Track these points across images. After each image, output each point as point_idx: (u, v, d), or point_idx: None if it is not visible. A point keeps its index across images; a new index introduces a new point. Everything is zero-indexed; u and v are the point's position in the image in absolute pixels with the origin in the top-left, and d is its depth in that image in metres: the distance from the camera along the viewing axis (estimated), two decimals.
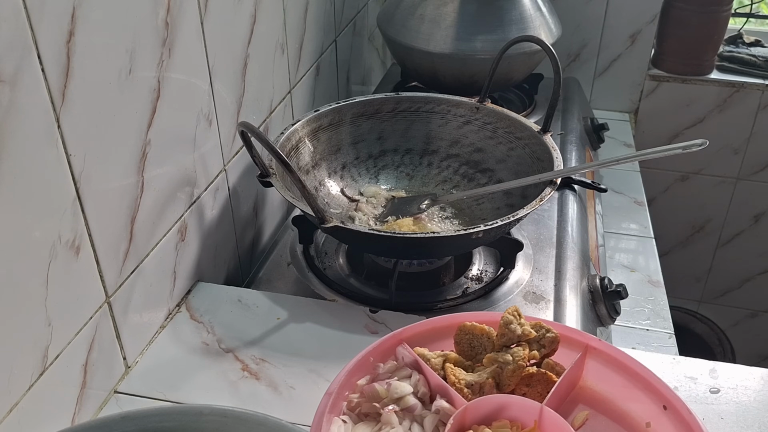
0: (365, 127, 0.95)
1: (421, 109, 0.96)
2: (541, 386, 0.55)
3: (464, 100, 0.94)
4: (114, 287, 0.63)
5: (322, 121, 0.90)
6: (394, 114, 0.95)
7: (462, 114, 0.94)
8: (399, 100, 0.95)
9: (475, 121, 0.94)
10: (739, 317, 1.83)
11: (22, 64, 0.48)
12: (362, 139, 0.95)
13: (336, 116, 0.92)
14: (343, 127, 0.93)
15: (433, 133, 0.96)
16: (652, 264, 1.16)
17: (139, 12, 0.60)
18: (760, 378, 0.66)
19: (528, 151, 0.87)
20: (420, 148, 0.96)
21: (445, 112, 0.95)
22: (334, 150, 0.92)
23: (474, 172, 0.93)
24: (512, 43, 0.89)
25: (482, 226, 0.68)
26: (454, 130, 0.95)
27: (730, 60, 1.56)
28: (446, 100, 0.95)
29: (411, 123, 0.96)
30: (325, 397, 0.51)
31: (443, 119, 0.95)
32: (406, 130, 0.96)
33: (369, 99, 0.94)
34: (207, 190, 0.78)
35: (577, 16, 1.49)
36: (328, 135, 0.91)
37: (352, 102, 0.93)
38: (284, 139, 0.83)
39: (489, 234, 0.71)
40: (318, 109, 0.90)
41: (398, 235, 0.72)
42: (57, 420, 0.57)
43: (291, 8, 0.94)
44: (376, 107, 0.94)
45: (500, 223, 0.69)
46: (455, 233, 0.69)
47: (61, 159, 0.53)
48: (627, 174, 1.38)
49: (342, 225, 0.67)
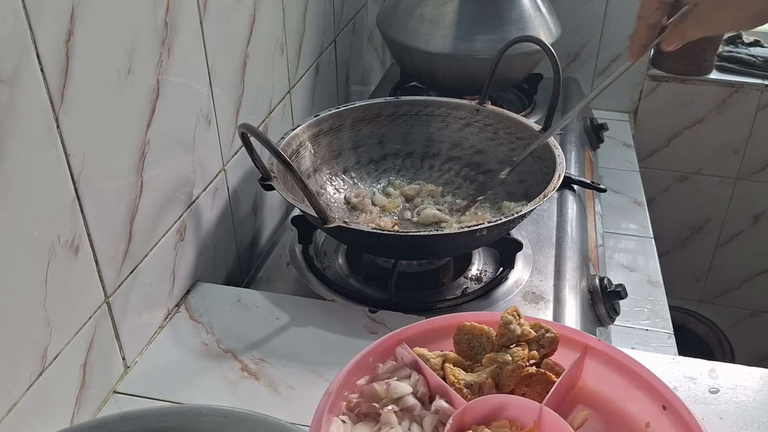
0: (366, 131, 0.95)
1: (421, 113, 0.96)
2: (540, 386, 0.55)
3: (464, 103, 0.94)
4: (113, 287, 0.63)
5: (323, 125, 0.90)
6: (394, 118, 0.96)
7: (462, 116, 0.94)
8: (399, 104, 0.95)
9: (475, 123, 0.93)
10: (738, 317, 1.83)
11: (21, 64, 0.48)
12: (363, 143, 0.95)
13: (336, 121, 0.92)
14: (344, 131, 0.93)
15: (434, 136, 0.96)
16: (652, 264, 1.16)
17: (138, 12, 0.60)
18: (759, 378, 0.66)
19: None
20: (421, 151, 0.96)
21: (445, 114, 0.95)
22: (335, 155, 0.92)
23: (476, 174, 0.93)
24: (511, 43, 0.89)
25: (486, 224, 0.68)
26: (454, 132, 0.95)
27: (729, 60, 1.56)
28: (446, 103, 0.95)
29: (411, 126, 0.96)
30: (325, 397, 0.51)
31: (443, 122, 0.95)
32: (406, 133, 0.96)
33: (369, 103, 0.94)
34: (206, 190, 0.78)
35: (576, 16, 1.49)
36: (329, 140, 0.91)
37: (352, 107, 0.93)
38: (284, 144, 0.83)
39: (491, 233, 0.71)
40: (318, 114, 0.90)
41: (401, 233, 0.72)
42: (56, 420, 0.57)
43: (290, 8, 0.94)
44: (376, 111, 0.95)
45: (501, 222, 0.69)
46: (457, 231, 0.69)
47: (60, 159, 0.53)
48: (626, 174, 1.39)
49: (345, 225, 0.67)
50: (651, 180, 1.60)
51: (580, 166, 1.13)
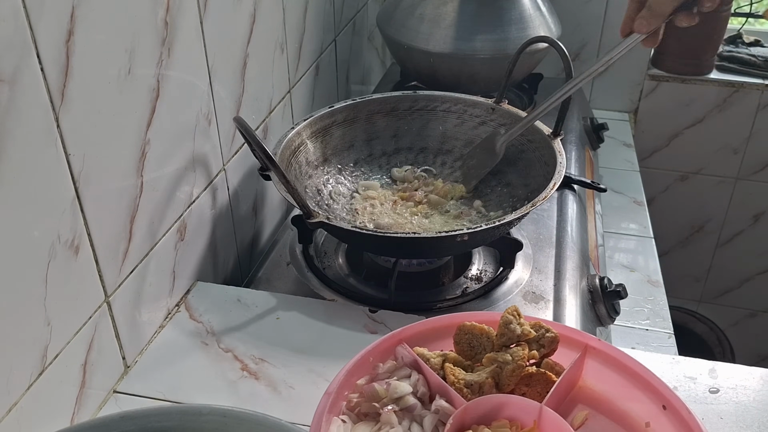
0: (381, 124, 0.95)
1: (438, 108, 0.95)
2: (540, 386, 0.55)
3: (481, 101, 0.93)
4: (113, 287, 0.63)
5: (336, 117, 0.90)
6: (411, 112, 0.95)
7: (478, 114, 0.94)
8: (416, 98, 0.95)
9: (490, 122, 0.93)
10: (738, 317, 1.83)
11: (22, 64, 0.48)
12: (377, 136, 0.95)
13: (351, 113, 0.92)
14: (358, 123, 0.93)
15: (449, 132, 0.95)
16: (652, 264, 1.17)
17: (138, 11, 0.60)
18: (759, 378, 0.66)
19: (537, 155, 0.86)
20: (435, 147, 0.96)
21: (461, 111, 0.95)
22: (347, 146, 0.92)
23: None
24: (530, 42, 0.87)
25: (483, 225, 0.68)
26: (469, 130, 0.95)
27: (729, 60, 1.56)
28: (463, 100, 0.94)
29: (427, 122, 0.96)
30: (325, 397, 0.51)
31: (459, 119, 0.95)
32: (421, 128, 0.96)
33: (386, 96, 0.94)
34: (206, 190, 0.78)
35: (576, 16, 1.49)
36: (342, 131, 0.91)
37: (369, 99, 0.93)
38: (294, 133, 0.84)
39: (486, 234, 0.71)
40: (333, 105, 0.90)
41: (377, 233, 0.72)
42: (56, 419, 0.57)
43: (290, 8, 0.94)
44: (392, 105, 0.94)
45: (499, 223, 0.69)
46: (446, 234, 0.68)
47: (61, 159, 0.53)
48: (626, 174, 1.39)
49: (327, 221, 0.68)
50: (651, 180, 1.60)
51: (581, 166, 1.13)
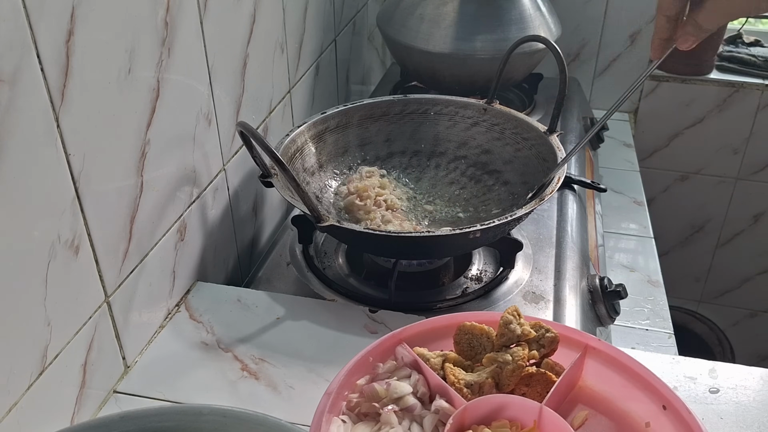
0: (373, 129, 0.94)
1: (429, 111, 0.95)
2: (540, 386, 0.55)
3: (472, 102, 0.94)
4: (113, 287, 0.63)
5: (329, 123, 0.90)
6: (402, 116, 0.95)
7: (470, 115, 0.94)
8: (407, 102, 0.95)
9: (482, 122, 0.93)
10: (738, 317, 1.83)
11: (22, 64, 0.48)
12: (369, 141, 0.95)
13: (343, 118, 0.92)
14: (350, 129, 0.93)
15: (441, 134, 0.96)
16: (652, 264, 1.16)
17: (138, 11, 0.60)
18: (759, 378, 0.66)
19: (534, 152, 0.86)
20: (428, 150, 0.96)
21: (453, 113, 0.95)
22: (341, 152, 0.92)
23: (481, 174, 0.93)
24: (520, 42, 0.88)
25: (479, 226, 0.68)
26: (462, 131, 0.95)
27: (729, 60, 1.56)
28: (454, 102, 0.95)
29: (419, 125, 0.96)
30: (325, 397, 0.51)
31: (451, 121, 0.95)
32: (414, 132, 0.96)
33: (377, 101, 0.94)
34: (206, 190, 0.78)
35: (576, 16, 1.49)
36: (335, 137, 0.91)
37: (360, 104, 0.93)
38: (289, 141, 0.83)
39: (487, 234, 0.71)
40: (325, 112, 0.90)
41: (393, 234, 0.72)
42: (56, 419, 0.57)
43: (290, 8, 0.94)
44: (383, 109, 0.94)
45: (498, 223, 0.69)
46: (450, 233, 0.68)
47: (61, 159, 0.53)
48: (626, 174, 1.39)
49: (338, 224, 0.67)
50: (651, 180, 1.60)
51: (581, 166, 1.13)
